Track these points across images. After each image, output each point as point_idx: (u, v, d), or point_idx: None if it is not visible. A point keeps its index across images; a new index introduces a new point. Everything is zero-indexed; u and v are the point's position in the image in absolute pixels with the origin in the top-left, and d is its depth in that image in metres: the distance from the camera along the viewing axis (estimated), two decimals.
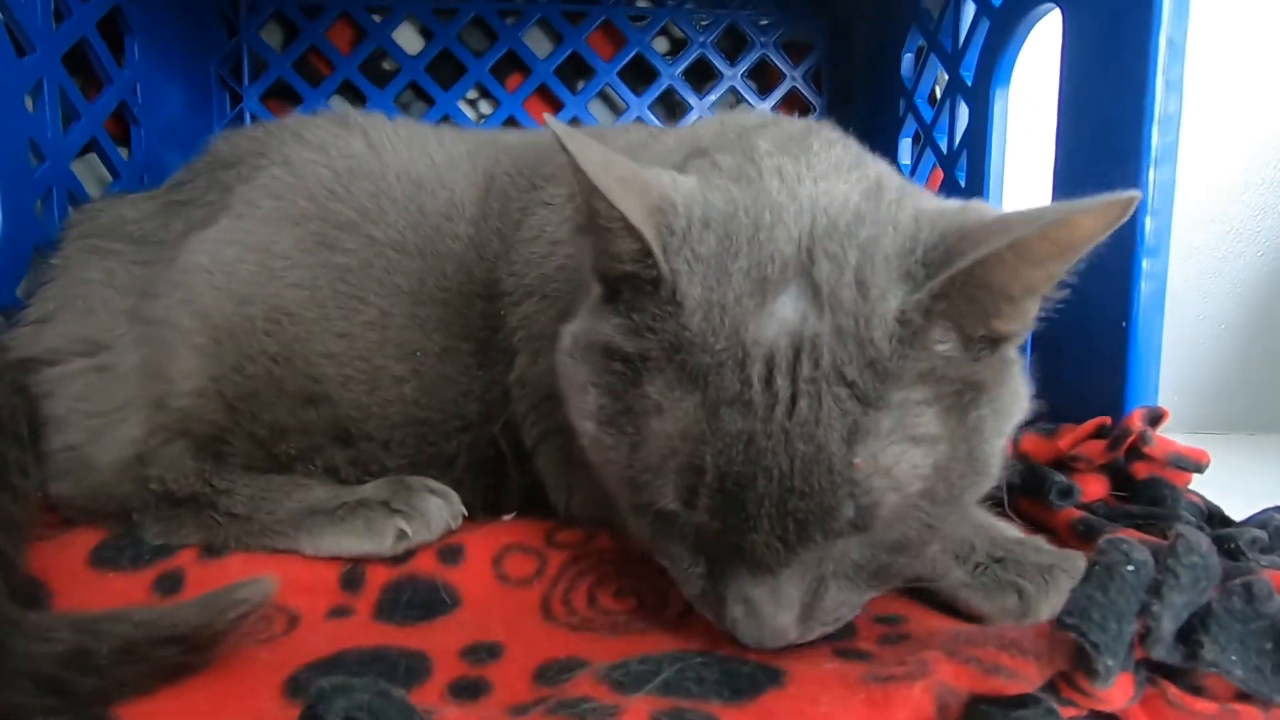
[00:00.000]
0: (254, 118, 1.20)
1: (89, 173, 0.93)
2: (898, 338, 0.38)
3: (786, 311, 0.39)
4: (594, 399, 0.44)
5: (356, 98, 1.22)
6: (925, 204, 0.45)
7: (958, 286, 0.38)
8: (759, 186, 0.44)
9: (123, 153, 0.97)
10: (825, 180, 0.45)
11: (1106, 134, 0.67)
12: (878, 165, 0.51)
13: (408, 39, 1.23)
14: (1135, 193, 0.36)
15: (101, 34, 0.89)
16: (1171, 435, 0.59)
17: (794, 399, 0.38)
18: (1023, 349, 0.77)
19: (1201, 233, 1.25)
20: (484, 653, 0.46)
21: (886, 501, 0.39)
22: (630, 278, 0.42)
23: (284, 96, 1.22)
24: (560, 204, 0.67)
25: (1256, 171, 1.23)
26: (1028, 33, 0.82)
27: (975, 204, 0.45)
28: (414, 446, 0.66)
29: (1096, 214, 0.36)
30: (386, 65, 1.24)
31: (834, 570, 0.41)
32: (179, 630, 0.40)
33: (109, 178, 0.95)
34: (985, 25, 0.87)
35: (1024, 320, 0.42)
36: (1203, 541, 0.35)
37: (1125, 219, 0.36)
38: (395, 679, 0.42)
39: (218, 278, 0.64)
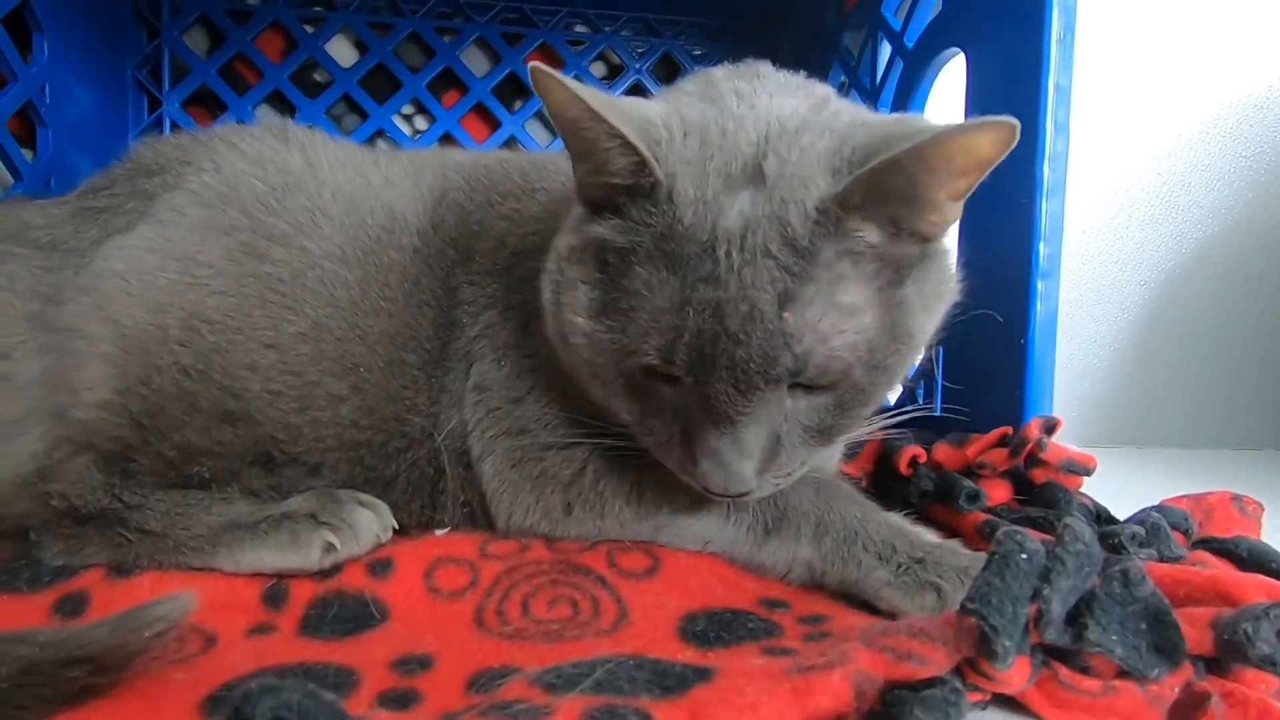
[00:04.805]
0: (174, 124, 1.16)
1: None
2: (814, 223, 0.47)
3: (744, 203, 0.48)
4: (584, 294, 0.52)
5: (285, 107, 1.19)
6: (863, 115, 0.53)
7: (871, 184, 0.46)
8: (721, 104, 0.52)
9: (27, 154, 0.91)
10: (777, 97, 0.53)
11: (1004, 168, 0.73)
12: (823, 87, 0.58)
13: (341, 51, 1.22)
14: (1014, 121, 0.43)
15: (8, 30, 0.84)
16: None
17: (742, 268, 0.47)
18: (934, 357, 0.83)
19: (1092, 264, 1.37)
20: (415, 664, 0.45)
21: (817, 354, 0.47)
22: (625, 189, 0.50)
23: (207, 103, 1.19)
24: (520, 219, 0.68)
25: (1137, 210, 1.36)
26: (937, 73, 0.89)
27: (909, 116, 0.53)
28: (347, 471, 0.63)
29: (988, 131, 0.44)
30: (318, 76, 1.22)
31: (788, 431, 0.50)
32: (88, 651, 0.38)
33: (10, 180, 0.89)
34: (900, 65, 0.94)
35: (941, 221, 0.50)
36: (1086, 531, 0.38)
37: (1014, 143, 0.45)
38: None
39: (133, 285, 0.61)
